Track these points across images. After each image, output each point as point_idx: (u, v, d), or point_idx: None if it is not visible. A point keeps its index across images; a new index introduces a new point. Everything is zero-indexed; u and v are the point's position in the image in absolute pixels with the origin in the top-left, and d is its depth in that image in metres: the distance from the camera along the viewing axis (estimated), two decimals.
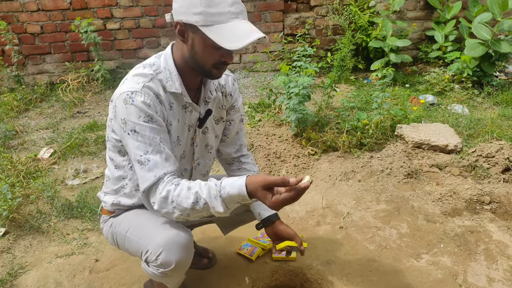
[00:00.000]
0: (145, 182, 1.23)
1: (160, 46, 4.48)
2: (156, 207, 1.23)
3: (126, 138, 1.24)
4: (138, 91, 1.22)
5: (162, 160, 1.23)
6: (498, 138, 2.85)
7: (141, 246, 1.33)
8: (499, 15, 3.64)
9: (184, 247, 1.27)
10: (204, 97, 1.41)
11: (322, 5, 4.44)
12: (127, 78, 1.28)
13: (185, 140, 1.41)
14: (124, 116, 1.21)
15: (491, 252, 1.94)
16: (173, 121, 1.33)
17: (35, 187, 2.48)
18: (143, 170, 1.22)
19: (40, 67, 4.45)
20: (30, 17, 4.22)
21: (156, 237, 1.28)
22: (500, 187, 2.40)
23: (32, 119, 3.74)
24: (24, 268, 1.96)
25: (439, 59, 4.42)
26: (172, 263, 1.26)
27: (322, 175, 2.65)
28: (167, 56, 1.31)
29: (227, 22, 1.14)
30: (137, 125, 1.21)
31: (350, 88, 4.09)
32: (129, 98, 1.21)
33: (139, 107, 1.20)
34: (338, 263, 1.90)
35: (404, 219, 2.21)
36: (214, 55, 1.20)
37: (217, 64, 1.23)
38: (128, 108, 1.21)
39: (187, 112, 1.36)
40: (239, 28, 1.14)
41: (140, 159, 1.22)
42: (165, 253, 1.25)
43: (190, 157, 1.48)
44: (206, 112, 1.42)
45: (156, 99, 1.25)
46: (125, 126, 1.22)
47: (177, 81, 1.29)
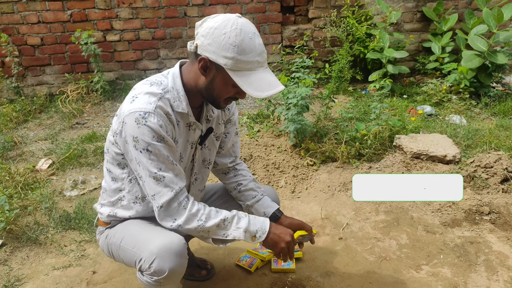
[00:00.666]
0: (162, 197, 1.27)
1: (159, 58, 4.51)
2: (180, 222, 1.29)
3: (137, 155, 1.27)
4: (151, 112, 1.24)
5: (174, 176, 1.29)
6: (496, 149, 2.86)
7: (135, 255, 1.33)
8: (495, 27, 3.69)
9: (177, 254, 1.28)
10: (206, 116, 1.45)
11: (320, 18, 4.49)
12: (137, 97, 1.27)
13: (187, 157, 1.44)
14: (136, 135, 1.24)
15: (491, 263, 1.93)
16: (179, 139, 1.37)
17: (33, 198, 2.47)
18: (159, 186, 1.27)
19: (40, 78, 4.47)
20: (30, 29, 4.25)
21: (149, 245, 1.29)
22: (499, 198, 2.40)
23: (31, 130, 3.74)
24: (21, 280, 1.94)
25: (436, 70, 4.46)
26: (166, 271, 1.26)
27: (321, 185, 2.65)
28: (175, 75, 1.33)
29: (254, 70, 1.23)
30: (150, 145, 1.24)
31: (349, 99, 4.12)
32: (142, 119, 1.23)
33: (153, 128, 1.23)
34: (338, 275, 1.89)
35: (404, 230, 2.21)
36: (230, 91, 1.28)
37: (229, 99, 1.31)
38: (140, 128, 1.23)
39: (191, 130, 1.40)
40: (264, 79, 1.23)
41: (156, 176, 1.26)
42: (158, 260, 1.26)
43: (189, 173, 1.51)
44: (207, 130, 1.46)
45: (167, 119, 1.29)
46: (136, 144, 1.25)
47: (184, 101, 1.33)
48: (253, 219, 1.37)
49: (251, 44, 1.20)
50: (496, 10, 3.59)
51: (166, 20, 4.36)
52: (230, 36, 1.18)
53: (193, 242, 2.00)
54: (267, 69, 1.27)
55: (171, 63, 4.54)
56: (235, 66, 1.20)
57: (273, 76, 1.27)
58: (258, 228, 1.35)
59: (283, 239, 1.38)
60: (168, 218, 1.29)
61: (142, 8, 4.29)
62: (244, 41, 1.19)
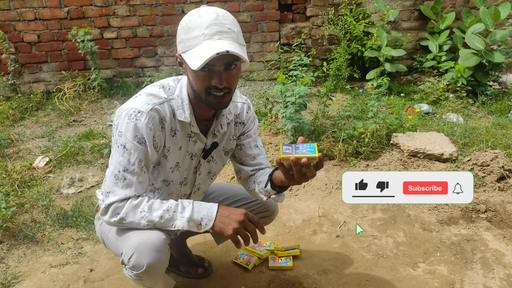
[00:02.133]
0: (113, 196, 1.26)
1: (157, 55, 4.50)
2: (122, 215, 1.25)
3: (114, 149, 1.27)
4: (144, 112, 1.24)
5: (138, 182, 1.27)
6: (492, 147, 2.87)
7: (118, 248, 1.34)
8: (492, 26, 3.70)
9: (156, 249, 1.26)
10: (213, 130, 1.42)
11: (318, 16, 4.49)
12: (141, 94, 1.30)
13: (186, 167, 1.43)
14: (122, 129, 1.24)
15: (487, 260, 1.94)
16: (173, 147, 1.35)
17: (30, 196, 2.47)
18: (116, 186, 1.26)
19: (37, 75, 4.45)
20: (27, 26, 4.23)
21: (129, 239, 1.28)
22: (496, 196, 2.41)
23: (27, 128, 3.72)
24: (18, 278, 1.93)
25: (433, 69, 4.47)
26: (143, 266, 1.25)
27: (318, 183, 2.65)
28: (183, 83, 1.33)
29: (200, 44, 1.13)
30: (129, 143, 1.24)
31: (346, 97, 4.12)
32: (134, 116, 1.24)
33: (139, 127, 1.23)
34: (335, 272, 1.90)
35: (401, 228, 2.21)
36: (202, 80, 1.19)
37: (208, 90, 1.20)
38: (128, 124, 1.24)
39: (191, 141, 1.38)
40: (207, 47, 1.12)
41: (118, 175, 1.26)
42: (136, 255, 1.25)
43: (191, 184, 1.51)
44: (212, 145, 1.43)
45: (159, 124, 1.28)
46: (119, 138, 1.25)
47: (188, 110, 1.31)
48: (198, 206, 1.27)
49: (198, 21, 1.14)
50: (493, 9, 3.60)
51: (164, 17, 4.34)
52: (182, 21, 1.18)
53: (190, 240, 2.00)
54: (219, 40, 1.13)
55: (169, 61, 4.53)
56: (185, 47, 1.16)
57: (222, 41, 1.13)
58: (203, 215, 1.26)
59: (234, 219, 1.24)
60: (112, 214, 1.26)
61: (140, 5, 4.27)
62: (191, 21, 1.15)
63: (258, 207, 1.67)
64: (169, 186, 1.43)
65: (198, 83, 1.21)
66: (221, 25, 1.15)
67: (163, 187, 1.43)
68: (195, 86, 1.23)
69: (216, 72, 1.17)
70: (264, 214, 1.70)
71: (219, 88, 1.19)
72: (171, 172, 1.40)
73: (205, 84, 1.20)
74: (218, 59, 1.14)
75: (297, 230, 2.23)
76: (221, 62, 1.16)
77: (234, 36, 1.17)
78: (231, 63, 1.18)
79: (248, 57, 1.29)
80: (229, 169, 2.73)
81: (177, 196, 1.49)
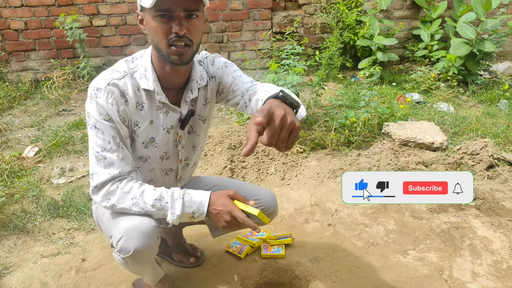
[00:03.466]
0: (99, 178, 1.25)
1: (147, 43, 4.42)
2: (114, 201, 1.25)
3: (88, 131, 1.27)
4: (102, 88, 1.23)
5: (119, 159, 1.26)
6: (482, 136, 2.90)
7: (109, 231, 1.34)
8: (483, 15, 3.71)
9: (144, 235, 1.25)
10: (185, 97, 1.37)
11: (310, 4, 4.45)
12: (104, 72, 1.29)
13: (163, 141, 1.39)
14: (89, 110, 1.25)
15: (475, 247, 1.98)
16: (141, 121, 1.32)
17: (20, 186, 2.44)
18: (98, 166, 1.25)
19: (24, 64, 4.36)
20: (13, 12, 4.12)
21: (120, 223, 1.28)
22: (485, 184, 2.45)
23: (16, 117, 3.66)
24: (9, 269, 1.92)
25: (425, 58, 4.48)
26: (130, 250, 1.25)
27: (310, 172, 2.67)
28: (147, 51, 1.31)
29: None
30: (98, 122, 1.23)
31: (338, 86, 4.12)
32: (94, 94, 1.23)
33: (101, 105, 1.22)
34: (327, 260, 1.92)
35: (391, 216, 2.24)
36: (162, 29, 1.16)
37: (170, 39, 1.16)
38: (91, 104, 1.24)
39: (162, 114, 1.34)
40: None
41: (97, 155, 1.25)
42: (124, 239, 1.25)
43: (175, 158, 1.47)
44: (187, 113, 1.38)
45: (121, 98, 1.25)
46: (88, 119, 1.26)
47: (151, 78, 1.28)
48: (189, 200, 1.26)
49: None
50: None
51: None
52: None
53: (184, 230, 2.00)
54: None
55: None
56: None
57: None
58: (194, 209, 1.26)
59: (222, 219, 1.26)
60: (103, 198, 1.26)
61: None
62: None
63: (257, 206, 1.67)
64: (147, 162, 1.41)
65: (159, 33, 1.16)
66: None
67: (141, 164, 1.41)
68: (156, 37, 1.18)
69: (175, 19, 1.15)
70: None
71: (180, 36, 1.15)
72: (144, 147, 1.36)
73: (165, 33, 1.16)
74: (177, 3, 1.12)
75: (289, 219, 2.25)
76: (181, 7, 1.13)
77: None
78: (192, 11, 1.16)
79: (240, 45, 1.25)
80: (221, 158, 2.72)
81: (160, 170, 1.45)
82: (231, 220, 1.25)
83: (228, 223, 1.26)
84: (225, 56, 4.60)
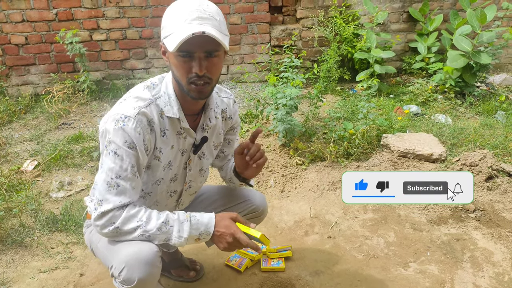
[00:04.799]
0: (107, 204, 1.22)
1: (147, 57, 4.47)
2: (118, 224, 1.22)
3: (104, 157, 1.25)
4: (131, 117, 1.22)
5: (131, 188, 1.25)
6: (481, 147, 2.91)
7: (108, 260, 1.31)
8: (478, 28, 3.76)
9: (147, 263, 1.23)
10: (202, 124, 1.41)
11: (308, 18, 4.51)
12: (126, 99, 1.28)
13: (177, 164, 1.41)
14: (111, 136, 1.22)
15: (476, 259, 1.97)
16: (164, 147, 1.34)
17: (18, 200, 2.43)
18: (109, 193, 1.23)
19: (25, 78, 4.39)
20: (14, 28, 4.17)
21: (119, 253, 1.25)
22: (484, 195, 2.45)
23: (15, 131, 3.67)
24: (6, 284, 1.90)
25: (422, 70, 4.52)
26: (134, 280, 1.22)
27: (309, 185, 2.66)
28: (167, 80, 1.33)
29: (179, 28, 1.14)
30: (120, 149, 1.22)
31: (336, 99, 4.14)
32: (121, 121, 1.22)
33: (128, 133, 1.21)
34: (327, 273, 1.90)
35: (391, 228, 2.23)
36: (183, 68, 1.19)
37: (190, 79, 1.20)
38: (116, 130, 1.21)
39: (181, 138, 1.37)
40: (185, 30, 1.12)
41: (110, 182, 1.23)
42: (127, 269, 1.22)
43: (182, 180, 1.49)
44: (202, 139, 1.42)
45: (148, 127, 1.26)
46: (108, 145, 1.23)
47: (175, 106, 1.30)
48: (196, 223, 1.28)
49: (181, 7, 1.16)
50: (479, 11, 3.66)
51: (154, 19, 4.32)
52: (166, 10, 1.20)
53: None
54: (199, 25, 1.13)
55: (159, 63, 4.51)
56: (166, 32, 1.17)
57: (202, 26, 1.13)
58: (201, 231, 1.28)
59: (224, 240, 1.29)
60: (106, 222, 1.23)
61: (129, 7, 4.24)
62: (175, 8, 1.17)
63: (247, 207, 1.67)
64: (160, 184, 1.42)
65: (180, 71, 1.20)
66: (202, 12, 1.15)
67: (155, 187, 1.41)
68: (177, 74, 1.22)
69: (196, 59, 1.17)
70: (254, 215, 1.70)
71: (199, 76, 1.19)
72: (163, 170, 1.38)
73: (186, 71, 1.19)
74: (198, 46, 1.15)
75: (289, 232, 2.23)
76: (201, 49, 1.16)
77: (216, 23, 1.17)
78: (212, 52, 1.18)
79: (238, 59, 1.33)
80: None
81: (166, 192, 1.46)
82: (233, 242, 1.27)
83: (230, 244, 1.28)
84: (224, 69, 4.64)
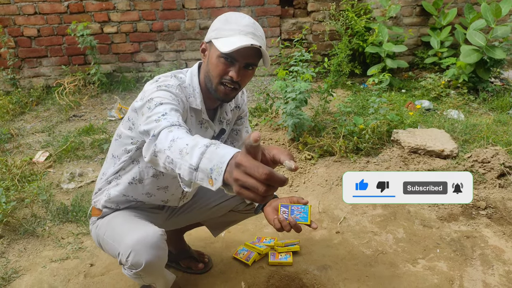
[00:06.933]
0: (158, 127, 1.07)
1: (157, 50, 4.48)
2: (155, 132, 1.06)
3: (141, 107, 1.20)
4: (174, 85, 1.29)
5: (179, 117, 1.13)
6: (493, 144, 2.87)
7: (115, 249, 1.34)
8: (493, 22, 3.68)
9: (152, 246, 1.27)
10: (220, 117, 1.48)
11: (319, 11, 4.47)
12: (161, 78, 1.32)
13: None
14: (153, 96, 1.20)
15: (487, 257, 1.95)
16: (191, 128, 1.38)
17: (30, 191, 2.47)
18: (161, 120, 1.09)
19: (36, 70, 4.44)
20: (26, 20, 4.21)
21: (125, 239, 1.29)
22: (496, 193, 2.41)
23: (27, 122, 3.72)
24: (18, 273, 1.94)
25: (435, 65, 4.45)
26: (142, 263, 1.26)
27: (318, 179, 2.65)
28: (193, 73, 1.39)
29: (235, 35, 1.23)
30: (165, 99, 1.19)
31: (347, 93, 4.11)
32: (164, 85, 1.26)
33: (171, 92, 1.25)
34: (335, 268, 1.90)
35: (401, 224, 2.22)
36: (222, 68, 1.27)
37: (223, 79, 1.28)
38: (159, 91, 1.23)
39: (203, 128, 1.43)
40: (241, 38, 1.22)
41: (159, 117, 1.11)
42: (134, 254, 1.26)
43: None
44: (220, 131, 1.50)
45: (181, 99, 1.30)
46: (149, 102, 1.17)
47: (199, 98, 1.37)
48: (212, 152, 0.87)
49: (238, 18, 1.26)
50: (494, 5, 3.58)
51: (164, 12, 4.32)
52: (220, 16, 1.30)
53: (190, 235, 2.00)
54: (251, 38, 1.23)
55: (169, 56, 4.52)
56: (218, 34, 1.26)
57: (253, 40, 1.22)
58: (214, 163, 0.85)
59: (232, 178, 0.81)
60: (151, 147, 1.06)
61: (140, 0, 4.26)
62: (232, 16, 1.27)
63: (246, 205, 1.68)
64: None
65: (217, 69, 1.27)
66: (256, 30, 1.27)
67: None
68: (212, 71, 1.29)
69: (236, 65, 1.26)
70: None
71: (233, 81, 1.27)
72: None
73: (223, 71, 1.27)
74: (243, 56, 1.24)
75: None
76: (244, 60, 1.26)
77: (263, 42, 1.29)
78: (251, 65, 1.28)
79: None
80: None
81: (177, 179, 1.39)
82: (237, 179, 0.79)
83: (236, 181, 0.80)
84: None
